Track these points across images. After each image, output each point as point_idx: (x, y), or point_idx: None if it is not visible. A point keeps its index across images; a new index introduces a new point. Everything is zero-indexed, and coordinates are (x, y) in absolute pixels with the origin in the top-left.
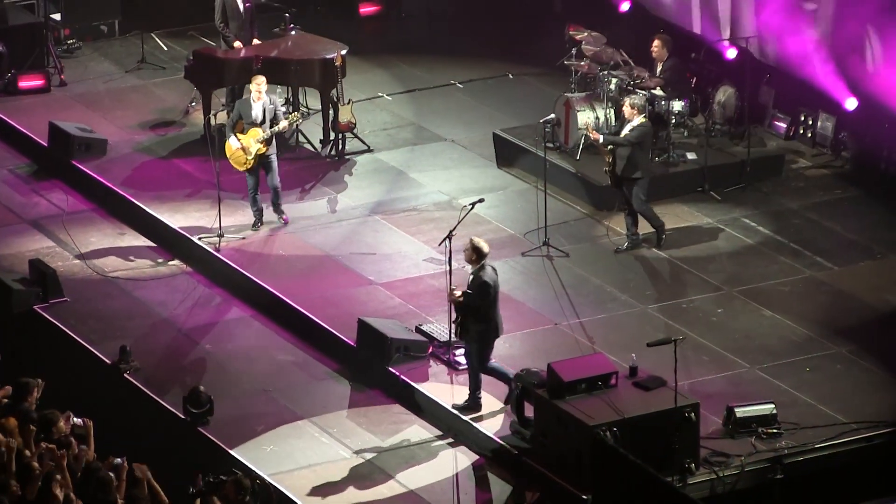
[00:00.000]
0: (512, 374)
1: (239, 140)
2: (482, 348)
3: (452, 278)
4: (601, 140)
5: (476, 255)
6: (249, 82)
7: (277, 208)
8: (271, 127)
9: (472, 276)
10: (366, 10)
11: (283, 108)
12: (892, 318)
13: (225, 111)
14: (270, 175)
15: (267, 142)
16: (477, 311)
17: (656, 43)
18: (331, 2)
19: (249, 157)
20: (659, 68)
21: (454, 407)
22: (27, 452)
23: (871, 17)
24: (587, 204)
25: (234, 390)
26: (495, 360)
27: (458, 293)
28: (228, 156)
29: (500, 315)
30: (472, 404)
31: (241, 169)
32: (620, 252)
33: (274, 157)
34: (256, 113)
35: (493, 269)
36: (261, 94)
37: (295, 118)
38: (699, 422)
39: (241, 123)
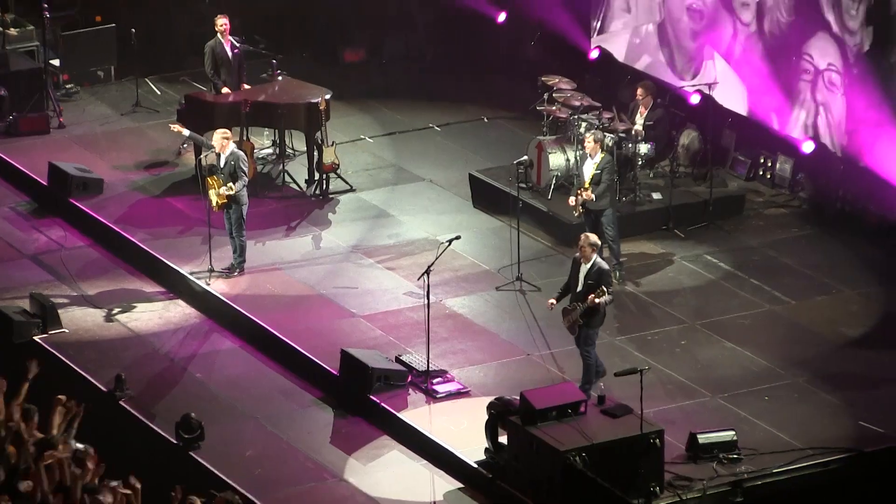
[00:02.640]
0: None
1: (206, 187)
2: (597, 333)
3: (431, 311)
4: (594, 198)
5: (591, 250)
6: (238, 125)
7: (236, 262)
8: (228, 182)
9: (588, 269)
10: (349, 57)
11: (244, 166)
12: (846, 349)
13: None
14: (234, 227)
15: (227, 197)
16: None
17: (640, 91)
18: (315, 49)
19: (212, 204)
20: (643, 113)
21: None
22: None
23: (825, 68)
24: (558, 241)
25: (224, 417)
26: (471, 387)
27: (598, 299)
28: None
29: None
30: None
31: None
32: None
33: (238, 210)
34: (220, 164)
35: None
36: (223, 148)
37: (240, 187)
38: (664, 447)
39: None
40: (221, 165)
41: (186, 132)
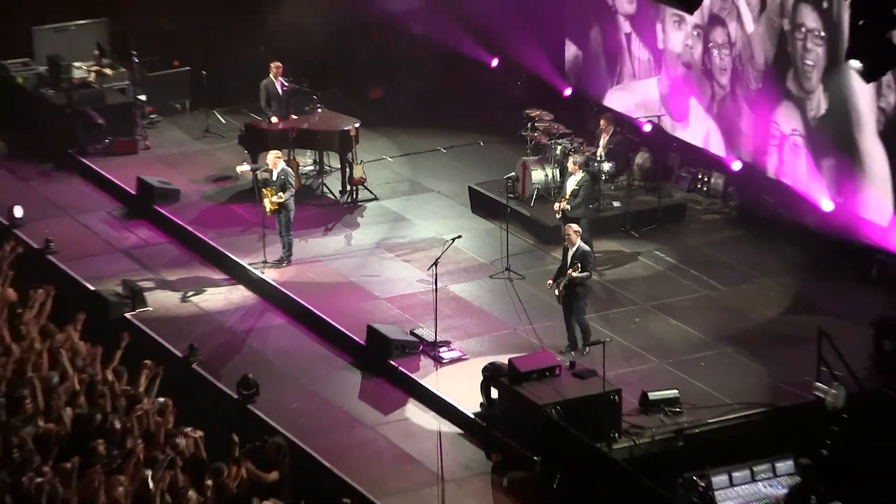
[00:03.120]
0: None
1: (262, 196)
2: (585, 303)
3: (438, 295)
4: (569, 208)
5: (575, 235)
6: (286, 147)
7: (285, 255)
8: (281, 191)
9: (574, 252)
10: (373, 94)
11: (292, 180)
12: (766, 326)
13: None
14: (284, 228)
15: (278, 204)
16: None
17: (603, 121)
18: (346, 87)
19: (266, 210)
20: (605, 139)
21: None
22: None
23: (751, 98)
24: (539, 240)
25: (275, 378)
26: (469, 354)
27: (574, 273)
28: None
29: None
30: (573, 348)
31: (268, 214)
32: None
33: (286, 214)
34: (273, 178)
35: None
36: (275, 165)
37: (288, 196)
38: (621, 403)
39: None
40: (273, 179)
41: (248, 167)
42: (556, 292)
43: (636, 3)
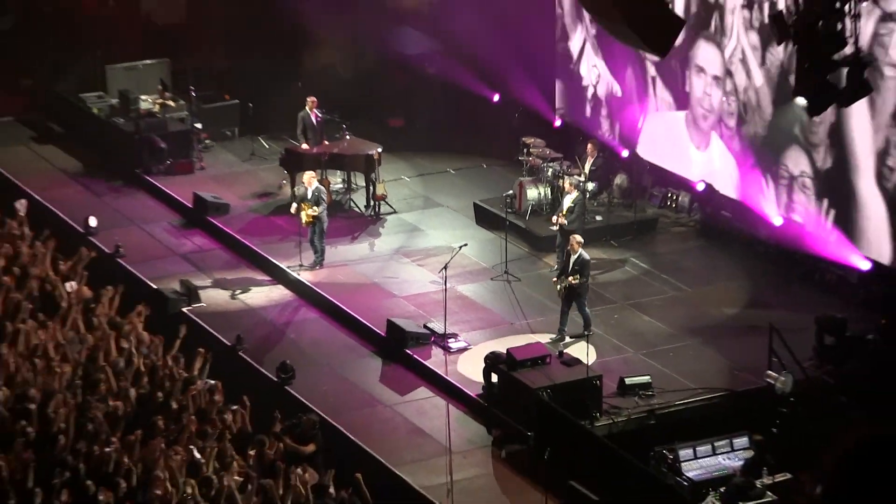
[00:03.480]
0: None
1: (299, 210)
2: (586, 299)
3: (447, 294)
4: (566, 223)
5: (578, 245)
6: (319, 168)
7: (317, 259)
8: (315, 205)
9: (575, 259)
10: (392, 123)
11: (324, 196)
12: (725, 322)
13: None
14: (317, 237)
15: (313, 217)
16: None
17: (589, 146)
18: (371, 118)
19: (302, 221)
20: (590, 162)
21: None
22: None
23: (716, 125)
24: (532, 248)
25: (308, 363)
26: (473, 345)
27: (574, 281)
28: (304, 216)
29: None
30: (561, 338)
31: (304, 225)
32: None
33: (320, 225)
34: (308, 195)
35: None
36: (310, 184)
37: (322, 210)
38: (602, 387)
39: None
40: (309, 196)
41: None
42: (559, 288)
43: (614, 46)
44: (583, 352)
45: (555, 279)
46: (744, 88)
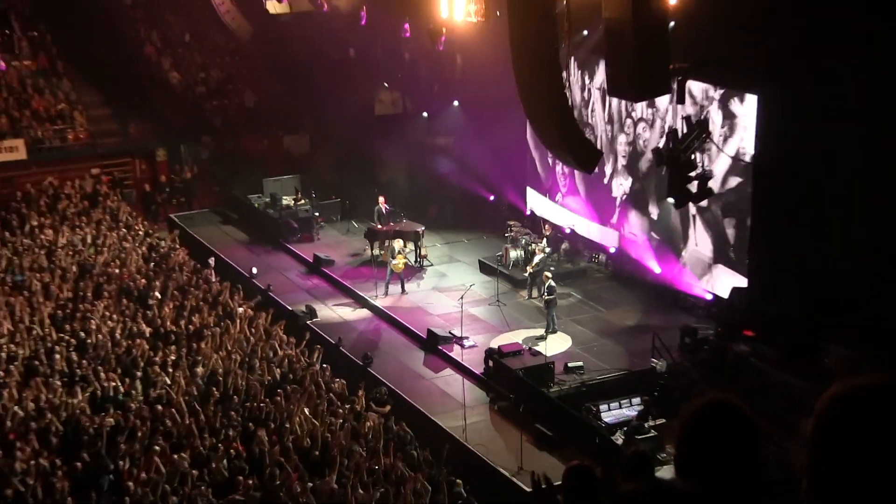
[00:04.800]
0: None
1: (395, 261)
2: (554, 310)
3: (463, 313)
4: (533, 271)
5: (547, 279)
6: (388, 239)
7: (403, 289)
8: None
9: (546, 285)
10: (430, 212)
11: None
12: (627, 329)
13: (387, 251)
14: (391, 279)
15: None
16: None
17: (546, 227)
18: (416, 208)
19: (396, 269)
20: (548, 234)
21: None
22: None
23: (622, 211)
24: (513, 287)
25: (380, 354)
26: (478, 344)
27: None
28: (392, 266)
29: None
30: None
31: (396, 271)
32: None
33: (398, 273)
34: (392, 254)
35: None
36: (390, 245)
37: (401, 264)
38: (554, 368)
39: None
40: (391, 255)
41: (368, 249)
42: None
43: (565, 168)
44: (559, 343)
45: (526, 298)
46: (638, 188)
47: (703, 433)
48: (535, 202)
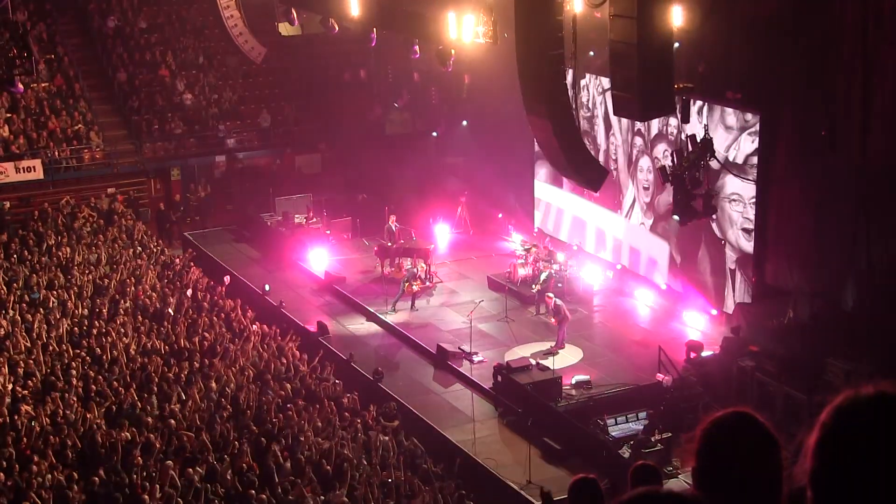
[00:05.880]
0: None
1: (411, 283)
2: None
3: (471, 329)
4: (539, 288)
5: (550, 301)
6: (398, 257)
7: (413, 305)
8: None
9: (554, 302)
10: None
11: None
12: (633, 345)
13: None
14: (401, 296)
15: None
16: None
17: (545, 246)
18: (423, 229)
19: (416, 288)
20: (554, 254)
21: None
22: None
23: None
24: (521, 303)
25: (391, 369)
26: (487, 359)
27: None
28: (406, 287)
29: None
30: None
31: (409, 292)
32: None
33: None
34: (411, 272)
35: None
36: (402, 264)
37: (416, 287)
38: (561, 381)
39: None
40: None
41: (379, 267)
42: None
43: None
44: (568, 357)
45: (534, 315)
46: (650, 203)
47: (725, 446)
48: (543, 221)
